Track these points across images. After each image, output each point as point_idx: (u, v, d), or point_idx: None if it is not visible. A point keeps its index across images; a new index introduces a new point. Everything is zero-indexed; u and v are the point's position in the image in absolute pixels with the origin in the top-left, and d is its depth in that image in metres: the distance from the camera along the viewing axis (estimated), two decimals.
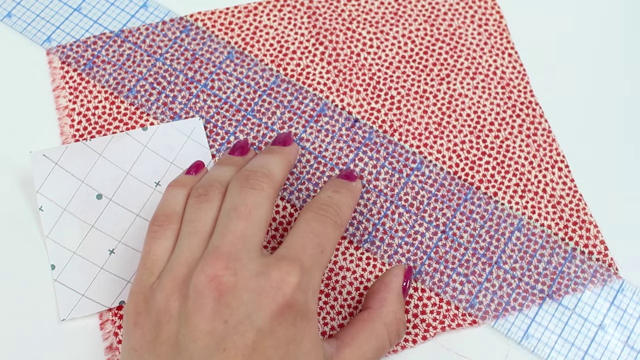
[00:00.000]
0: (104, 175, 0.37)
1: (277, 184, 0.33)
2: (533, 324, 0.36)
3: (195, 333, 0.28)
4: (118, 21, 0.43)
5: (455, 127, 0.41)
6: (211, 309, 0.28)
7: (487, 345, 0.36)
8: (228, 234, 0.30)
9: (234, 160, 0.36)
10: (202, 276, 0.29)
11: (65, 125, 0.40)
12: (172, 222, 0.33)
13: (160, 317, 0.29)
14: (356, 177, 0.36)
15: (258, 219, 0.31)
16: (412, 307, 0.36)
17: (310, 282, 0.30)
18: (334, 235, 0.32)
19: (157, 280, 0.31)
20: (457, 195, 0.39)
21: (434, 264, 0.37)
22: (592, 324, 0.36)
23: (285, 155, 0.35)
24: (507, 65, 0.43)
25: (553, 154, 0.40)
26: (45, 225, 0.36)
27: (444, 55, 0.43)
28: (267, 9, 0.44)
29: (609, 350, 0.36)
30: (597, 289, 0.37)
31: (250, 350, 0.28)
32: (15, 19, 0.43)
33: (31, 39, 0.42)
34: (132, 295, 0.31)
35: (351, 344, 0.32)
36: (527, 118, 0.41)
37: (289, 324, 0.29)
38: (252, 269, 0.29)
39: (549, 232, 0.38)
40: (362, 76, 0.42)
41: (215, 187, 0.33)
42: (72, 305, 0.35)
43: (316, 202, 0.33)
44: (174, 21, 0.43)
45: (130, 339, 0.30)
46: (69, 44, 0.42)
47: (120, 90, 0.41)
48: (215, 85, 0.41)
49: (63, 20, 0.43)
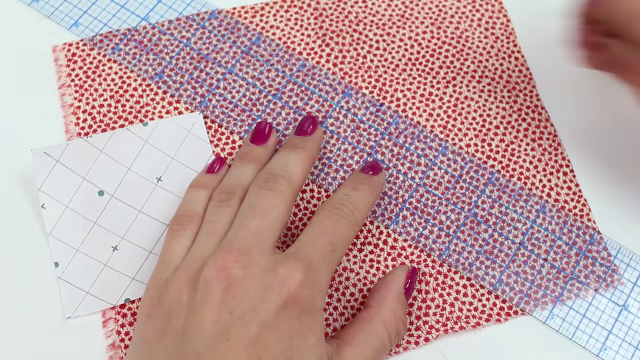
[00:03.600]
0: (105, 171, 0.37)
1: (296, 186, 0.34)
2: (557, 304, 0.37)
3: (201, 322, 0.29)
4: (145, 6, 0.43)
5: (460, 130, 0.41)
6: (218, 300, 0.29)
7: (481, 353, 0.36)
8: (242, 230, 0.31)
9: (256, 154, 0.37)
10: (212, 268, 0.30)
11: (71, 123, 0.40)
12: (192, 222, 0.34)
13: (172, 309, 0.30)
14: (381, 168, 0.37)
15: (273, 218, 0.32)
16: (415, 309, 0.36)
17: (317, 280, 0.30)
18: (347, 234, 0.33)
19: (171, 274, 0.32)
20: (481, 181, 0.39)
21: (460, 243, 0.38)
22: (615, 304, 0.37)
23: (307, 151, 0.36)
24: (514, 69, 0.43)
25: (558, 159, 0.40)
26: (48, 222, 0.36)
27: (450, 58, 0.43)
28: (273, 10, 0.44)
29: (633, 329, 0.36)
30: (619, 272, 0.37)
31: (253, 342, 0.28)
32: (43, 3, 0.43)
33: (58, 23, 0.42)
34: (148, 289, 0.32)
35: (351, 343, 0.32)
36: (533, 122, 0.41)
37: (293, 318, 0.29)
38: (262, 265, 0.30)
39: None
40: (368, 78, 0.42)
41: (237, 193, 0.34)
42: (77, 303, 0.35)
43: (332, 200, 0.34)
44: (180, 20, 0.43)
45: (141, 331, 0.31)
46: (75, 42, 0.42)
47: (125, 89, 0.41)
48: (221, 85, 0.41)
49: (90, 5, 0.43)
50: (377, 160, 0.39)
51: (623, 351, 0.36)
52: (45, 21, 0.43)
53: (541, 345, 0.36)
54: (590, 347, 0.36)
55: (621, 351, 0.36)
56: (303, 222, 0.38)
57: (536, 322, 0.36)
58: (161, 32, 0.42)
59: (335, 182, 0.39)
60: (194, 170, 0.38)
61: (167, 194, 0.38)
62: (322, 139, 0.38)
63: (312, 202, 0.38)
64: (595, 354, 0.36)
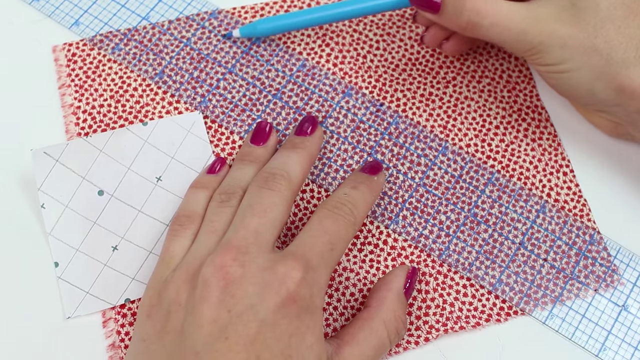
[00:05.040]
0: (105, 171, 0.37)
1: (295, 185, 0.34)
2: (557, 304, 0.36)
3: (200, 321, 0.29)
4: (145, 5, 0.43)
5: (460, 131, 0.41)
6: (216, 298, 0.29)
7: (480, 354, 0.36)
8: (241, 229, 0.31)
9: (256, 154, 0.37)
10: (211, 266, 0.30)
11: (71, 123, 0.40)
12: (192, 222, 0.34)
13: (171, 308, 0.30)
14: (380, 168, 0.37)
15: (272, 217, 0.32)
16: (415, 309, 0.36)
17: (316, 279, 0.30)
18: (346, 234, 0.33)
19: (171, 273, 0.32)
20: (481, 181, 0.39)
21: (460, 243, 0.38)
22: (615, 304, 0.37)
23: (307, 151, 0.36)
24: (514, 69, 0.43)
25: (558, 159, 0.40)
26: (48, 222, 0.36)
27: (450, 58, 0.43)
28: (273, 10, 0.44)
29: (632, 330, 0.36)
30: (619, 273, 0.37)
31: (252, 340, 0.28)
32: (44, 2, 0.43)
33: (59, 23, 0.42)
34: (148, 289, 0.32)
35: (351, 342, 0.32)
36: (533, 122, 0.41)
37: (292, 317, 0.29)
38: (260, 263, 0.30)
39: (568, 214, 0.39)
40: (368, 78, 0.42)
41: (237, 194, 0.34)
42: (77, 303, 0.35)
43: (332, 199, 0.34)
44: (180, 20, 0.43)
45: (141, 330, 0.31)
46: (75, 42, 0.42)
47: (125, 89, 0.41)
48: (221, 85, 0.41)
49: (91, 4, 0.43)
50: (377, 160, 0.39)
51: (622, 351, 0.36)
52: (45, 20, 0.43)
53: (541, 346, 0.36)
54: (589, 347, 0.36)
55: (620, 351, 0.36)
56: (303, 222, 0.38)
57: (536, 322, 0.36)
58: (161, 32, 0.42)
59: (335, 182, 0.39)
60: (193, 170, 0.38)
61: (167, 194, 0.38)
62: (322, 139, 0.38)
63: (312, 202, 0.38)
64: (594, 354, 0.36)
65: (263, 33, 0.41)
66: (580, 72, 0.35)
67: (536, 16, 0.34)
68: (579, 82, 0.35)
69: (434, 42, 0.40)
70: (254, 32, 0.41)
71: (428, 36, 0.40)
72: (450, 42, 0.40)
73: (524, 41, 0.35)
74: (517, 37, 0.35)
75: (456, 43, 0.40)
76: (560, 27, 0.34)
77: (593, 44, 0.34)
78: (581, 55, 0.34)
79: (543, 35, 0.34)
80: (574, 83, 0.35)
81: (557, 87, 0.37)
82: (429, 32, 0.40)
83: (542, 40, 0.34)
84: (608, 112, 0.37)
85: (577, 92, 0.36)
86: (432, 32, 0.40)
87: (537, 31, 0.34)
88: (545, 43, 0.34)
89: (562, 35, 0.34)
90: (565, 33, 0.34)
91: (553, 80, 0.37)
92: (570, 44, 0.34)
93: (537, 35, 0.34)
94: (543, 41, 0.34)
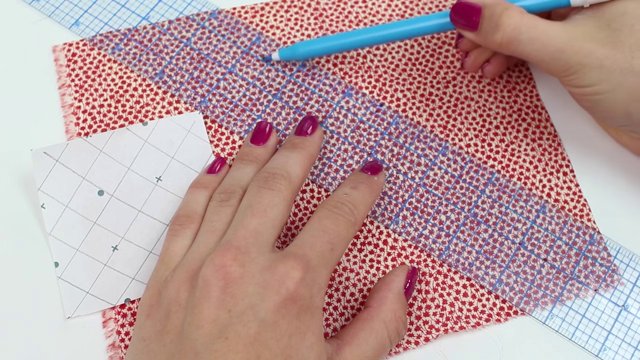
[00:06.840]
0: (105, 171, 0.37)
1: (295, 185, 0.34)
2: (557, 304, 0.37)
3: (200, 321, 0.29)
4: (145, 5, 0.43)
5: (460, 131, 0.41)
6: (216, 298, 0.29)
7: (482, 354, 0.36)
8: (241, 229, 0.31)
9: (256, 154, 0.37)
10: (211, 266, 0.30)
11: (71, 123, 0.40)
12: (192, 222, 0.34)
13: (170, 308, 0.30)
14: (381, 168, 0.37)
15: (272, 217, 0.32)
16: (416, 309, 0.36)
17: (316, 279, 0.31)
18: (346, 234, 0.33)
19: (170, 272, 0.32)
20: (481, 181, 0.39)
21: (460, 243, 0.38)
22: (615, 304, 0.37)
23: (307, 151, 0.36)
24: (513, 69, 0.43)
25: (558, 159, 0.40)
26: (48, 222, 0.36)
27: (450, 58, 0.43)
28: (273, 10, 0.44)
29: (632, 330, 0.36)
30: (619, 273, 0.37)
31: (252, 340, 0.28)
32: (44, 2, 0.43)
33: (59, 22, 0.42)
34: (147, 289, 0.32)
35: (351, 343, 0.32)
36: (533, 122, 0.41)
37: (292, 317, 0.29)
38: (260, 263, 0.30)
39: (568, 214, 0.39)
40: (368, 78, 0.42)
41: (237, 194, 0.34)
42: (77, 303, 0.35)
43: (332, 199, 0.34)
44: (180, 20, 0.43)
45: (141, 330, 0.31)
46: (75, 42, 0.42)
47: (125, 89, 0.41)
48: (221, 85, 0.41)
49: (91, 4, 0.43)
50: (377, 160, 0.39)
51: (622, 351, 0.36)
52: (45, 20, 0.43)
53: (541, 346, 0.36)
54: (589, 347, 0.36)
55: (620, 351, 0.36)
56: (303, 222, 0.38)
57: (536, 322, 0.36)
58: (161, 32, 0.42)
59: (335, 182, 0.39)
60: (193, 170, 0.38)
61: (167, 194, 0.38)
62: (322, 139, 0.38)
63: (312, 202, 0.38)
64: (594, 354, 0.36)
65: (304, 56, 0.40)
66: (616, 94, 0.34)
67: (573, 35, 0.34)
68: (615, 104, 0.34)
69: (474, 66, 0.40)
70: (295, 54, 0.40)
71: (469, 61, 0.40)
72: (492, 63, 0.40)
73: (561, 59, 0.34)
74: (554, 55, 0.34)
75: (496, 64, 0.40)
76: (597, 48, 0.34)
77: (630, 64, 0.33)
78: (618, 76, 0.33)
79: (580, 55, 0.34)
80: (610, 105, 0.35)
81: (592, 109, 0.37)
82: (470, 56, 0.40)
83: (579, 60, 0.34)
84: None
85: (613, 113, 0.35)
86: (473, 57, 0.40)
87: (574, 50, 0.34)
88: (582, 63, 0.34)
89: (599, 55, 0.34)
90: (602, 54, 0.33)
91: (588, 103, 0.36)
92: (607, 64, 0.33)
93: (573, 54, 0.34)
94: (580, 61, 0.34)
